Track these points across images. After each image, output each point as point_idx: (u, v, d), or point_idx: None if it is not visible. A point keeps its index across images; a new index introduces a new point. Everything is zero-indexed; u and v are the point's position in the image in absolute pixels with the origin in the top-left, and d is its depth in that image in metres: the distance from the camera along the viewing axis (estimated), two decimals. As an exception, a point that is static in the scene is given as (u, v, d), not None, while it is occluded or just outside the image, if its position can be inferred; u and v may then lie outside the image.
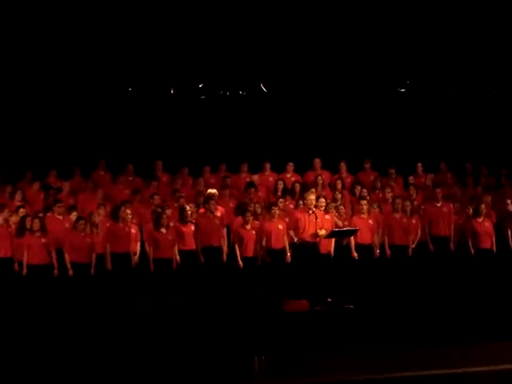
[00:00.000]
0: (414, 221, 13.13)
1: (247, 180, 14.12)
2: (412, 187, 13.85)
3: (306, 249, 12.37)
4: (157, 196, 13.21)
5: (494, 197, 14.00)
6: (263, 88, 15.35)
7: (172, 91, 15.19)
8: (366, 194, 13.32)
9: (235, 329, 11.18)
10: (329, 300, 12.22)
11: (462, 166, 14.89)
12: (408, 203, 13.16)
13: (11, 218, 12.35)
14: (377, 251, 12.87)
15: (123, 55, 14.44)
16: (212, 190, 13.15)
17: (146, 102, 15.22)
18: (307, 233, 12.37)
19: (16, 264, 11.98)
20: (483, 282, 12.66)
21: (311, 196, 12.48)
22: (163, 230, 12.31)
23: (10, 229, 12.23)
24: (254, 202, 13.07)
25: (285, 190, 13.64)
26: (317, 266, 12.27)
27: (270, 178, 14.35)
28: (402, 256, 12.92)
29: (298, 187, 13.58)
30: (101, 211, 12.66)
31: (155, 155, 14.58)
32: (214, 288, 12.17)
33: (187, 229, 12.50)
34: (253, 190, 13.48)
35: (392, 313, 11.77)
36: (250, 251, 12.51)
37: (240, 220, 12.66)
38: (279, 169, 14.52)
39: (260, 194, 13.80)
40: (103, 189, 13.57)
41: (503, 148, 15.56)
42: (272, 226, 12.53)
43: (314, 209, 12.40)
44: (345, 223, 12.91)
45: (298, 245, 12.40)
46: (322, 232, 12.30)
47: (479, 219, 13.13)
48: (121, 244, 12.22)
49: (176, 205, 13.04)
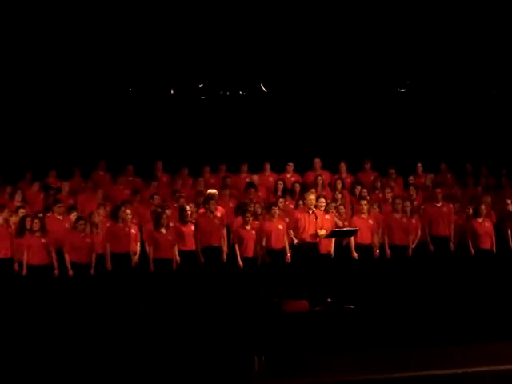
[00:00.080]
0: (414, 221, 13.12)
1: (247, 180, 14.11)
2: (412, 187, 13.84)
3: (306, 249, 12.37)
4: (157, 196, 13.20)
5: (494, 197, 13.99)
6: (263, 88, 15.35)
7: (172, 91, 15.19)
8: (366, 194, 13.32)
9: (235, 329, 11.16)
10: (329, 300, 12.21)
11: (462, 166, 14.88)
12: (408, 203, 13.14)
13: (11, 219, 12.34)
14: (376, 251, 12.87)
15: (123, 55, 14.43)
16: (212, 190, 13.14)
17: (146, 103, 15.22)
18: (307, 233, 12.37)
19: (16, 264, 11.97)
20: (483, 283, 12.66)
21: (311, 196, 12.48)
22: (163, 230, 12.30)
23: (10, 229, 12.22)
24: (254, 202, 13.06)
25: (285, 190, 13.63)
26: (317, 266, 12.26)
27: (270, 178, 14.33)
28: (402, 256, 12.91)
29: (298, 187, 13.57)
30: (101, 211, 12.66)
31: (155, 155, 14.57)
32: (214, 288, 12.16)
33: (187, 229, 12.49)
34: (253, 190, 13.47)
35: (392, 313, 11.76)
36: (250, 251, 12.50)
37: (240, 220, 12.65)
38: (279, 169, 14.51)
39: (260, 194, 13.79)
40: (103, 189, 13.57)
41: (503, 148, 15.55)
42: (272, 226, 12.52)
43: (314, 209, 12.40)
44: (345, 223, 12.90)
45: (298, 246, 12.40)
46: (322, 232, 12.29)
47: (479, 219, 13.12)
48: (121, 244, 12.21)
49: (176, 205, 13.03)
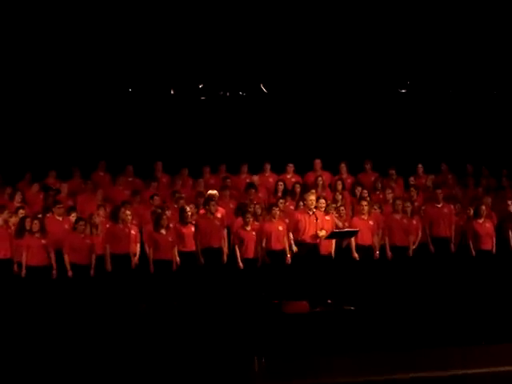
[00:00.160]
0: (415, 222, 13.10)
1: (247, 181, 14.09)
2: (413, 188, 13.82)
3: (307, 250, 12.35)
4: (157, 197, 13.18)
5: (495, 198, 13.98)
6: (263, 89, 15.34)
7: (172, 92, 15.18)
8: (367, 195, 13.30)
9: (235, 330, 11.15)
10: (329, 301, 12.19)
11: (463, 167, 14.86)
12: (408, 204, 13.12)
13: (11, 219, 12.32)
14: (377, 252, 12.84)
15: (123, 56, 14.42)
16: (212, 191, 13.13)
17: (146, 103, 15.21)
18: (307, 234, 12.35)
19: (15, 265, 11.95)
20: (484, 284, 12.63)
21: (311, 197, 12.46)
22: (163, 231, 12.27)
23: (10, 230, 12.19)
24: (254, 203, 13.04)
25: (285, 191, 13.61)
26: (317, 267, 12.24)
27: (270, 179, 14.32)
28: (403, 257, 12.88)
29: (299, 188, 13.55)
30: (100, 212, 12.64)
31: (155, 156, 14.56)
32: (214, 289, 12.14)
33: (187, 230, 12.47)
34: (253, 191, 13.46)
35: (392, 314, 11.75)
36: (251, 252, 12.47)
37: (240, 221, 12.63)
38: (279, 170, 14.49)
39: (260, 195, 13.77)
40: (103, 190, 13.55)
41: (504, 149, 15.53)
42: (272, 227, 12.50)
43: (315, 210, 12.39)
44: (345, 224, 12.88)
45: (298, 252, 12.40)
46: (323, 233, 12.27)
47: (480, 220, 13.09)
48: (121, 245, 12.18)
49: (176, 206, 13.01)
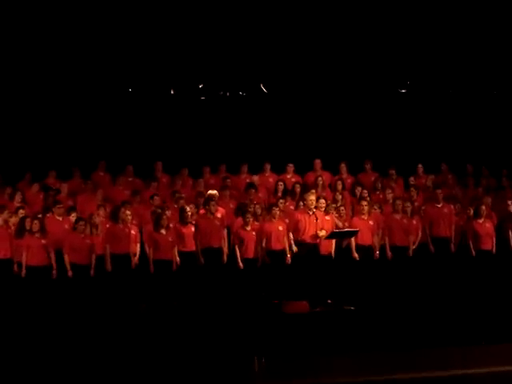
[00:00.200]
0: (415, 222, 13.09)
1: (247, 181, 14.09)
2: (413, 188, 13.82)
3: (307, 250, 12.34)
4: (157, 197, 13.18)
5: (495, 198, 13.97)
6: (263, 89, 15.33)
7: (172, 92, 15.17)
8: (367, 195, 13.29)
9: (235, 330, 11.15)
10: (329, 301, 12.18)
11: (463, 167, 14.86)
12: (408, 204, 13.12)
13: (11, 219, 12.32)
14: (377, 252, 12.84)
15: (123, 56, 14.41)
16: (212, 191, 13.12)
17: (146, 103, 15.20)
18: (307, 234, 12.35)
19: (15, 265, 11.94)
20: (484, 284, 12.63)
21: (311, 197, 12.45)
22: (163, 231, 12.27)
23: (10, 230, 12.19)
24: (254, 203, 13.04)
25: (285, 191, 13.60)
26: (317, 268, 12.24)
27: (270, 179, 14.31)
28: (403, 257, 12.88)
29: (299, 188, 13.54)
30: (100, 212, 12.63)
31: (155, 156, 14.55)
32: (214, 289, 12.14)
33: (187, 230, 12.47)
34: (253, 191, 13.45)
35: (392, 314, 11.75)
36: (251, 252, 12.46)
37: (240, 221, 12.62)
38: (279, 170, 14.49)
39: (260, 195, 13.76)
40: (103, 190, 13.55)
41: (504, 149, 15.53)
42: (272, 227, 12.49)
43: (315, 210, 12.38)
44: (345, 224, 12.87)
45: (298, 252, 12.40)
46: (323, 233, 12.27)
47: (480, 220, 13.09)
48: (120, 245, 12.17)
49: (176, 206, 13.01)
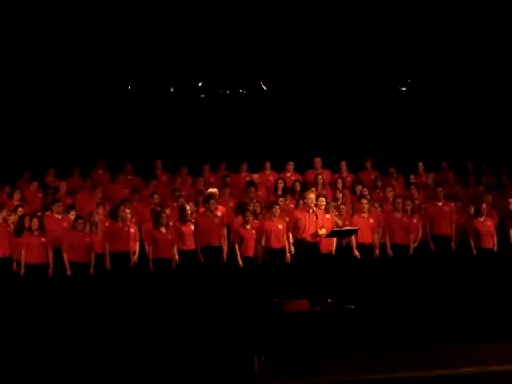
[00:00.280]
0: (415, 220, 13.07)
1: (247, 179, 14.06)
2: (413, 186, 13.80)
3: (307, 249, 12.32)
4: (156, 195, 13.16)
5: (496, 196, 13.95)
6: (263, 86, 15.31)
7: (171, 90, 15.15)
8: (367, 193, 13.26)
9: (235, 329, 11.12)
10: (329, 300, 12.15)
11: (464, 165, 14.85)
12: (409, 202, 13.09)
13: (10, 218, 12.30)
14: (377, 251, 12.81)
15: (122, 54, 14.41)
16: (212, 189, 13.10)
17: (146, 101, 15.19)
18: (307, 232, 12.32)
19: (14, 263, 11.92)
20: (485, 282, 12.60)
21: (311, 195, 12.42)
22: (163, 230, 12.24)
23: (9, 228, 12.18)
24: (254, 202, 13.02)
25: (285, 189, 13.58)
26: (317, 266, 12.21)
27: (270, 177, 14.29)
28: (403, 256, 12.86)
29: (299, 186, 13.52)
30: (100, 210, 12.61)
31: (154, 154, 14.54)
32: (214, 288, 12.11)
33: (187, 228, 12.44)
34: (253, 189, 13.43)
35: (393, 313, 11.72)
36: (251, 251, 12.44)
37: (240, 219, 12.59)
38: (279, 168, 14.47)
39: (260, 194, 13.74)
40: (102, 188, 13.54)
41: (505, 147, 15.51)
42: (272, 226, 12.46)
43: (315, 208, 12.35)
44: (345, 222, 12.85)
45: (296, 253, 12.38)
46: (323, 231, 12.24)
47: (481, 219, 13.05)
48: (120, 243, 12.14)
49: (175, 204, 12.99)
